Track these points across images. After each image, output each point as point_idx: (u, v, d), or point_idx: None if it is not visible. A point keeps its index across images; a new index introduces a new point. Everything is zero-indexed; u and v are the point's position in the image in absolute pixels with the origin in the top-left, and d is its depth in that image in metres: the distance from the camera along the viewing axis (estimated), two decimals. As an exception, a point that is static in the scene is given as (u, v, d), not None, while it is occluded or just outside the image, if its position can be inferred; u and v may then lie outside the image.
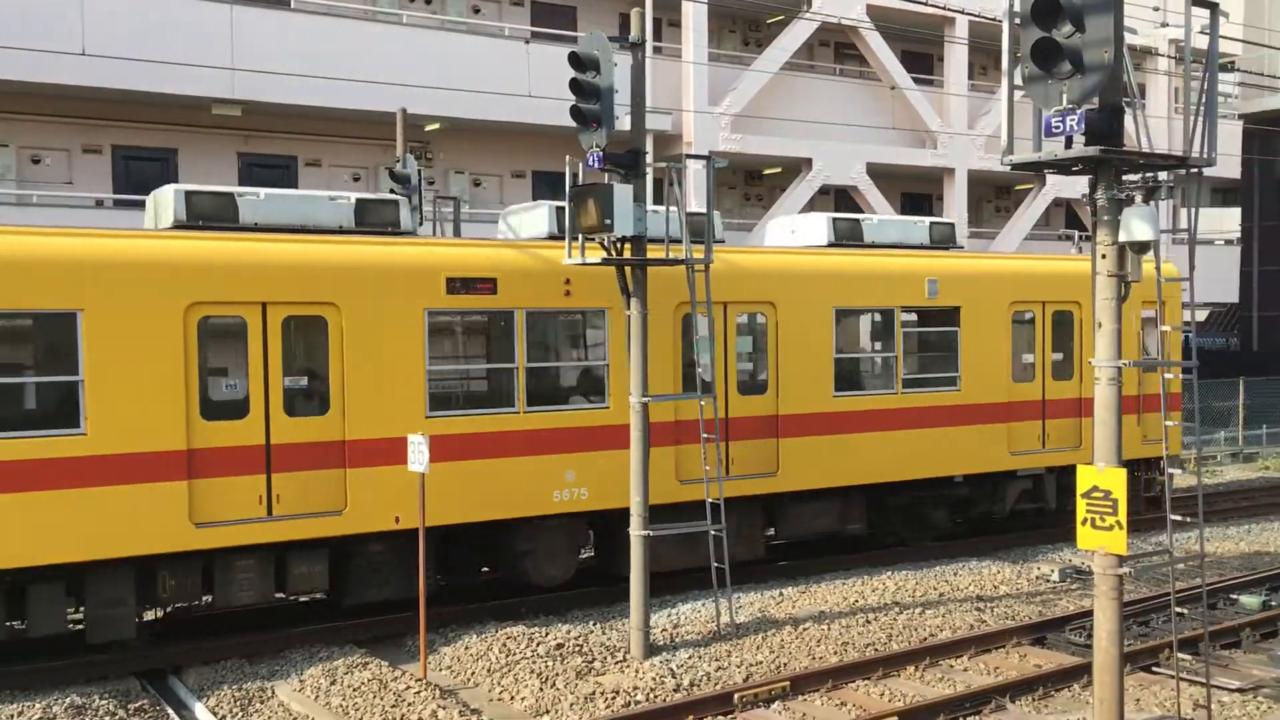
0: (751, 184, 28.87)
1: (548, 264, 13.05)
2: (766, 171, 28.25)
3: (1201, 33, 8.39)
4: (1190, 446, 19.36)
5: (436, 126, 22.69)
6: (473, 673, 11.29)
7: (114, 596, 11.00)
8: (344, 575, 12.35)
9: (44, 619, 10.78)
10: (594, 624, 12.72)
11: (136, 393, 10.88)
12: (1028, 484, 16.91)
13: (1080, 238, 20.02)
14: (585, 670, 11.19)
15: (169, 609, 12.53)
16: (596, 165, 11.69)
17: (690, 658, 11.50)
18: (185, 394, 11.14)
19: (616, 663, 11.43)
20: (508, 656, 11.49)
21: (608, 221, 11.39)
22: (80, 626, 11.43)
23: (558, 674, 11.02)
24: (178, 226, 11.81)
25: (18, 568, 10.49)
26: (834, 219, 15.80)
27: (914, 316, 16.03)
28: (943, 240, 16.52)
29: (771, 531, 15.26)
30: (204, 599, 12.00)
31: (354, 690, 10.69)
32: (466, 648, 11.84)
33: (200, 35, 19.95)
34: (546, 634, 12.03)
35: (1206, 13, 8.26)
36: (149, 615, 12.30)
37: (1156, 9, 29.00)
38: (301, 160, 22.84)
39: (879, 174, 27.63)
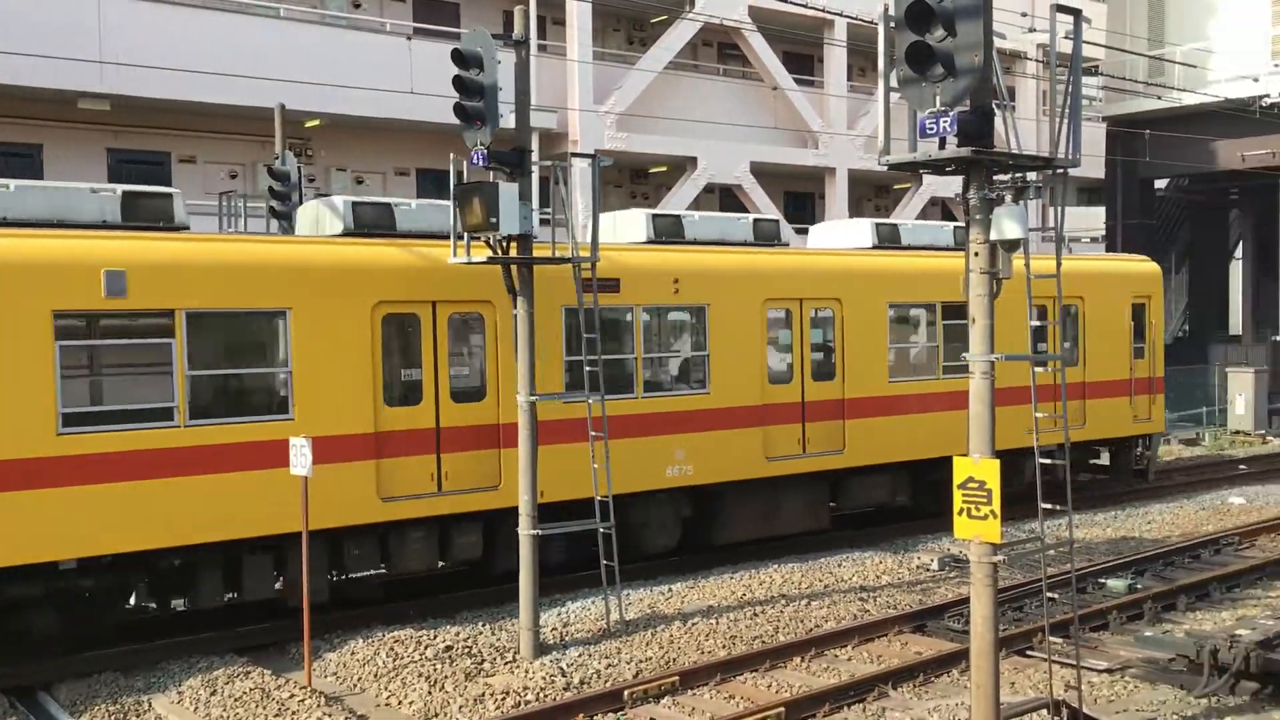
0: (637, 182, 29.00)
1: (659, 265, 14.65)
2: (652, 170, 28.41)
3: (1066, 37, 8.69)
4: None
5: (316, 123, 22.25)
6: (359, 678, 11.12)
7: (314, 565, 11.67)
8: (493, 546, 13.42)
9: (257, 586, 12.15)
10: (483, 625, 12.64)
11: (334, 382, 12.23)
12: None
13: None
14: (475, 672, 11.12)
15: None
16: (481, 163, 11.61)
17: (580, 656, 11.52)
18: (373, 383, 12.48)
19: (506, 663, 11.39)
20: (395, 660, 11.34)
21: (493, 220, 11.33)
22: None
23: (446, 676, 10.93)
24: (347, 234, 13.04)
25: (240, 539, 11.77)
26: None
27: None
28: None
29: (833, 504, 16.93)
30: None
31: (235, 700, 10.44)
32: (353, 653, 11.65)
33: (66, 26, 19.20)
34: (435, 637, 11.91)
35: (1070, 18, 8.57)
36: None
37: (1024, 14, 29.96)
38: (175, 157, 22.16)
39: (763, 173, 28.02)
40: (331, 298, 12.24)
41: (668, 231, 15.46)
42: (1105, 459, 20.92)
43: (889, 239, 17.68)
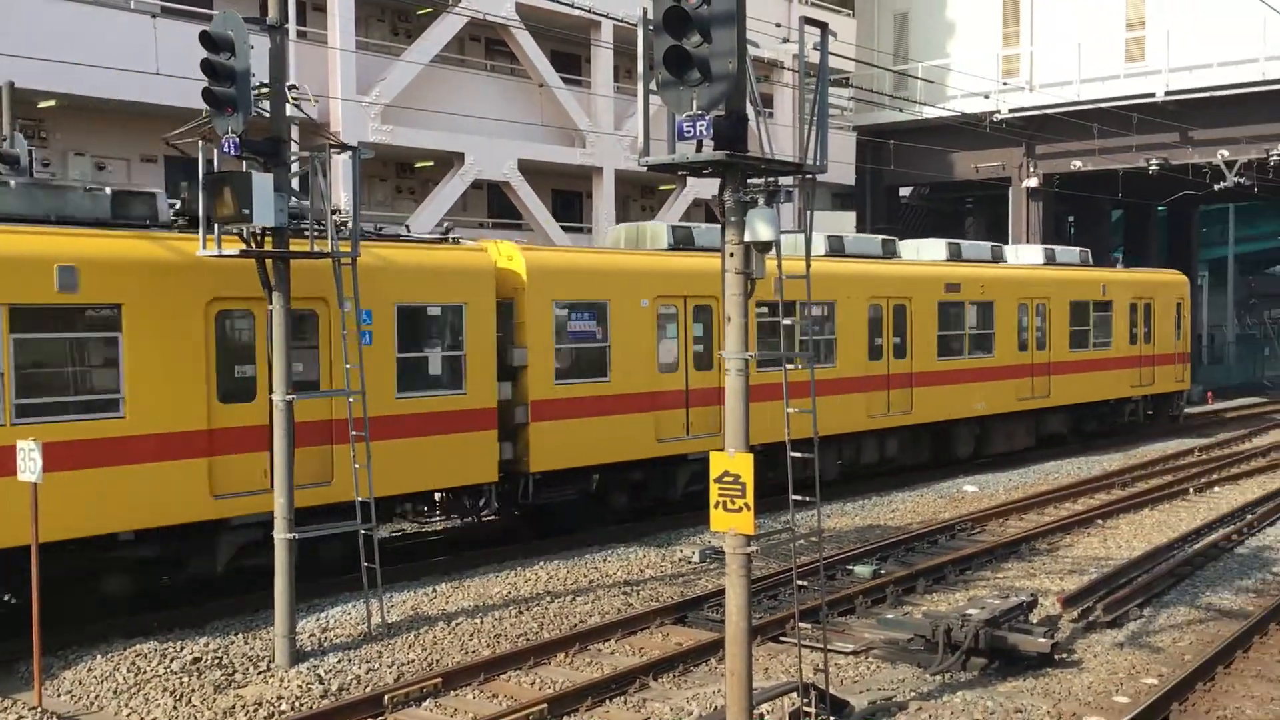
0: (403, 176, 28.44)
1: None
2: (418, 165, 27.93)
3: (815, 49, 9.08)
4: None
5: (51, 103, 20.72)
6: (97, 695, 10.44)
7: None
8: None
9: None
10: (236, 634, 12.10)
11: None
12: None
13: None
14: (225, 684, 10.64)
15: None
16: (233, 152, 11.11)
17: (339, 662, 11.21)
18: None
19: (260, 673, 10.95)
20: (137, 675, 10.72)
21: (246, 211, 10.87)
22: None
23: (194, 690, 10.41)
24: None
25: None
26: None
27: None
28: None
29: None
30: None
31: (-47, 727, 9.62)
32: (90, 669, 10.93)
33: None
34: (182, 648, 11.33)
35: (819, 31, 8.96)
36: None
37: (779, 25, 31.17)
38: (-114, 135, 20.15)
39: (531, 170, 28.00)
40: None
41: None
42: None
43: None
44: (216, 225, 11.30)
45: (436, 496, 15.50)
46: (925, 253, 23.81)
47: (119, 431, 11.86)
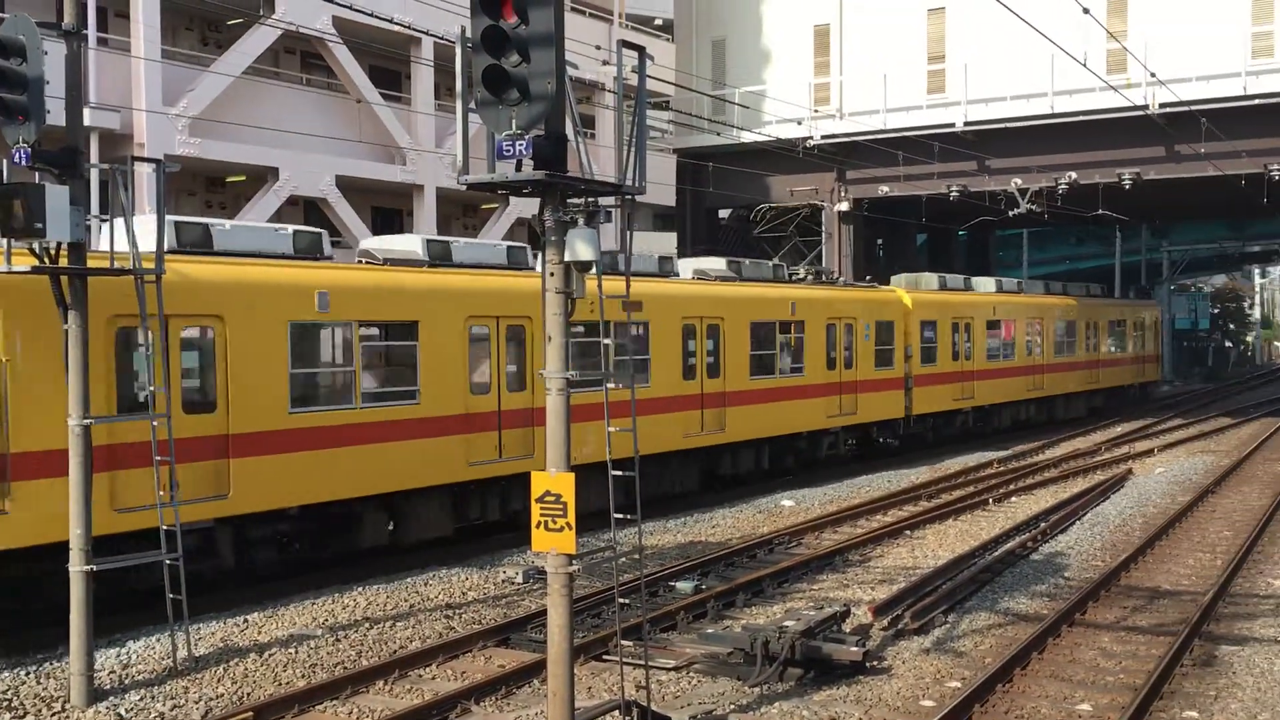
0: (214, 191, 27.45)
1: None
2: (230, 179, 27.00)
3: (634, 72, 9.22)
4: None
5: None
6: None
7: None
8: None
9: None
10: (27, 673, 11.36)
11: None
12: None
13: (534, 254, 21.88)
14: (15, 728, 9.97)
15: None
16: (25, 163, 10.51)
17: (142, 699, 10.66)
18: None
19: (54, 714, 10.32)
20: (-86, 724, 9.95)
21: (39, 225, 10.27)
22: None
23: (-21, 736, 9.73)
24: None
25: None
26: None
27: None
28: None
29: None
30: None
31: None
32: None
33: None
34: (-34, 692, 10.57)
35: (637, 55, 9.10)
36: None
37: (599, 47, 31.52)
38: None
39: (350, 187, 27.46)
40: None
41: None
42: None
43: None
44: (9, 240, 10.66)
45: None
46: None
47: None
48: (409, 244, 17.71)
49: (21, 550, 12.16)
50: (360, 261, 17.05)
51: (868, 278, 32.77)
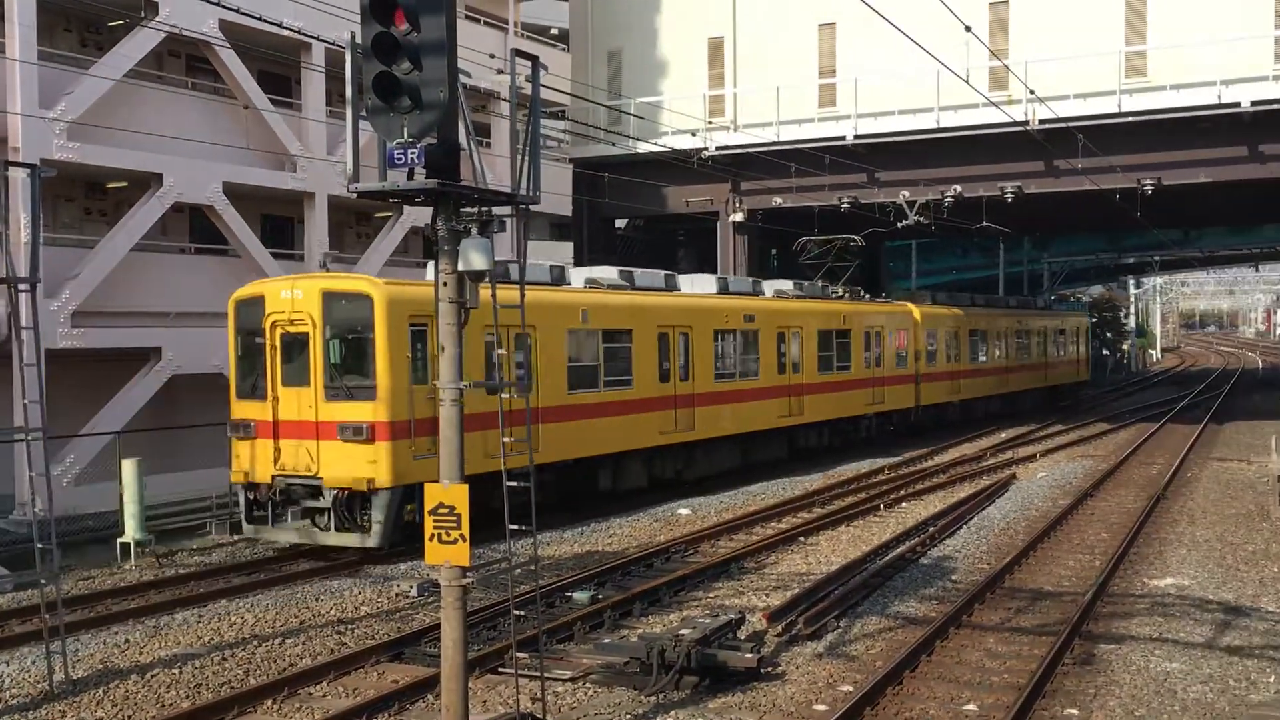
0: (94, 198, 26.55)
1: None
2: (111, 185, 26.16)
3: (527, 80, 9.19)
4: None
5: None
6: None
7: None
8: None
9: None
10: (-110, 703, 10.85)
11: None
12: None
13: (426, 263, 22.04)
14: (-124, 759, 9.50)
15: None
16: (-113, 166, 10.06)
17: (15, 725, 10.24)
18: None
19: (-81, 744, 9.85)
20: None
21: (-98, 232, 9.85)
22: None
23: None
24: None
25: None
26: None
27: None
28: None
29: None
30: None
31: None
32: None
33: None
34: None
35: (530, 64, 9.08)
36: None
37: (493, 55, 31.38)
38: None
39: (238, 194, 26.79)
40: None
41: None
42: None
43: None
44: None
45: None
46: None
47: None
48: (607, 273, 23.91)
49: None
50: (584, 285, 22.97)
51: (883, 294, 38.45)
